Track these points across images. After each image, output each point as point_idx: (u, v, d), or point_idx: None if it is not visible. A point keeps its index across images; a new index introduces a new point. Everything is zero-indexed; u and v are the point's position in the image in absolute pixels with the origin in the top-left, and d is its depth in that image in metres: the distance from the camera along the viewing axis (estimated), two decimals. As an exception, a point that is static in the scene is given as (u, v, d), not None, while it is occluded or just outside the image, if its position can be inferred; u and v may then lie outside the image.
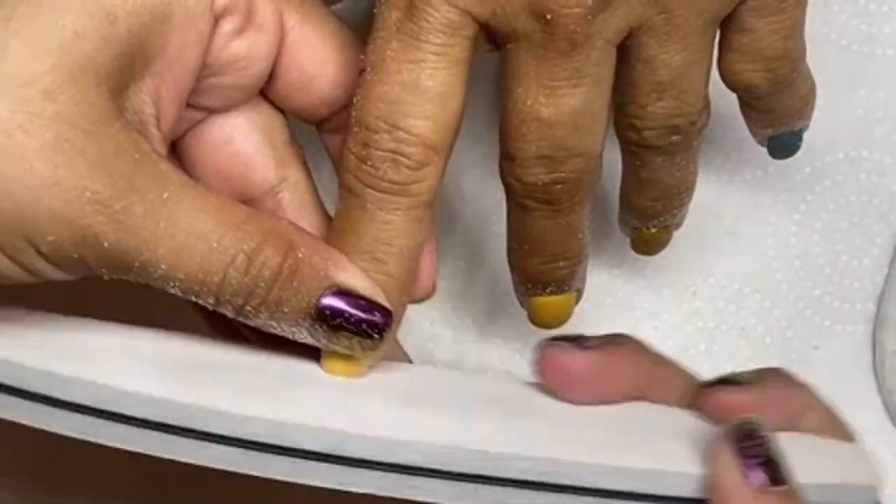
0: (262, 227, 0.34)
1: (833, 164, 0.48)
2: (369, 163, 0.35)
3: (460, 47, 0.35)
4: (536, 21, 0.35)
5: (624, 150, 0.40)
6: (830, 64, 0.48)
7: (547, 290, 0.40)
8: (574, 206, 0.38)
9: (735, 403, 0.37)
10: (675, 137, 0.39)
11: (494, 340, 0.49)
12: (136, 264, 0.33)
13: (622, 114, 0.39)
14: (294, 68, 0.37)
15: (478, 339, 0.49)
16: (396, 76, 0.35)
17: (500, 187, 0.39)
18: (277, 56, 0.37)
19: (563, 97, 0.36)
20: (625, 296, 0.49)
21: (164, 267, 0.33)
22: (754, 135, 0.43)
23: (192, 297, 0.34)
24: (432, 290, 0.39)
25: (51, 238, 0.32)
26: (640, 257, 0.48)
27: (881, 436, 0.48)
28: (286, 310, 0.34)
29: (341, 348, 0.35)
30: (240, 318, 0.34)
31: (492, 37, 0.36)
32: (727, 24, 0.38)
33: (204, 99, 0.37)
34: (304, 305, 0.34)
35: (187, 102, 0.36)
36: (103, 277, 0.33)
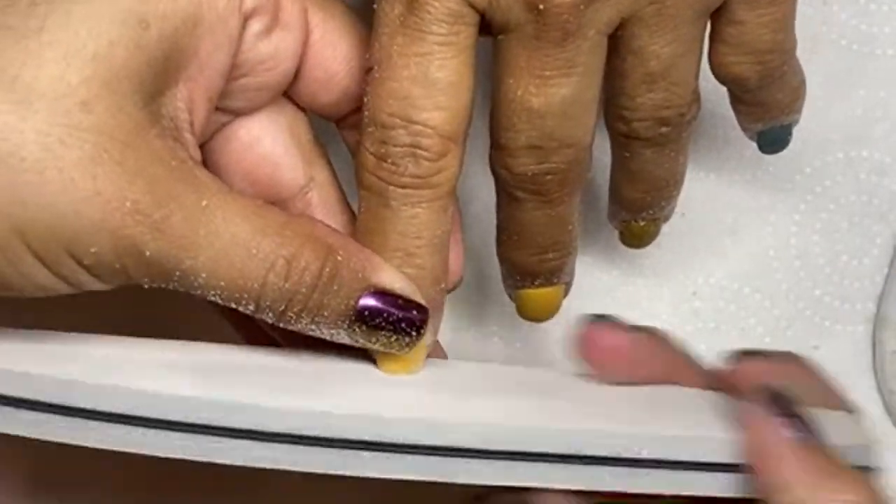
0: (300, 232, 0.34)
1: (833, 164, 0.48)
2: (389, 160, 0.35)
3: (465, 35, 0.35)
4: (529, 11, 0.35)
5: (613, 141, 0.40)
6: (830, 64, 0.48)
7: (535, 283, 0.40)
8: (563, 196, 0.38)
9: (760, 371, 0.37)
10: (664, 129, 0.39)
11: (494, 339, 0.49)
12: (178, 273, 0.32)
13: (612, 105, 0.39)
14: (318, 65, 0.37)
15: (477, 336, 0.49)
16: (405, 70, 0.35)
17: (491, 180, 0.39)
18: (303, 54, 0.37)
19: (554, 87, 0.36)
20: (625, 296, 0.49)
21: (204, 275, 0.33)
22: (744, 129, 0.43)
23: (232, 305, 0.33)
24: (460, 279, 0.39)
25: (93, 250, 0.32)
26: (640, 258, 0.48)
27: (881, 436, 0.48)
28: (326, 313, 0.34)
29: (380, 347, 0.35)
30: (280, 323, 0.34)
31: (485, 27, 0.36)
32: (718, 16, 0.38)
33: (231, 101, 0.37)
34: (343, 308, 0.34)
35: (215, 106, 0.36)
36: (143, 287, 0.33)
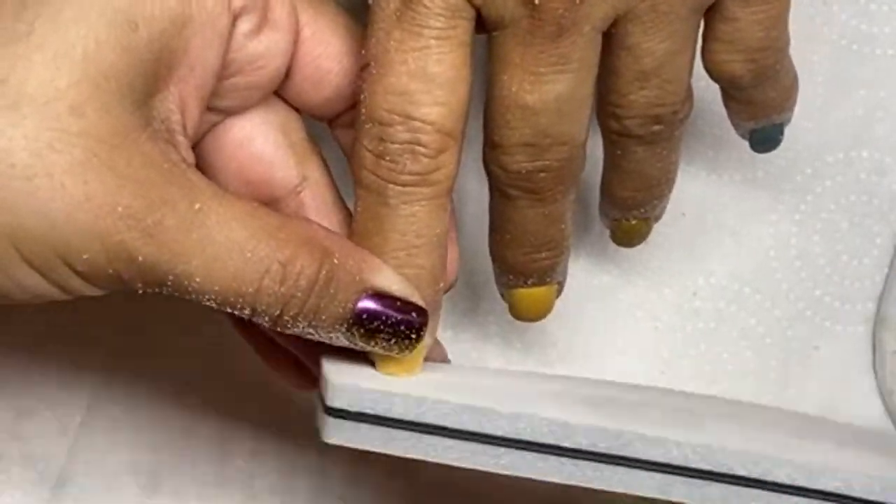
0: (295, 234, 0.33)
1: (833, 164, 0.48)
2: (387, 157, 0.35)
3: (462, 30, 0.35)
4: (524, 7, 0.35)
5: (606, 139, 0.40)
6: (830, 64, 0.48)
7: (528, 282, 0.40)
8: (557, 194, 0.38)
9: None
10: (656, 127, 0.39)
11: (494, 340, 0.48)
12: (171, 277, 0.32)
13: (604, 102, 0.39)
14: (309, 64, 0.37)
15: (477, 338, 0.48)
16: (402, 66, 0.35)
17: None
18: (293, 52, 0.37)
19: (548, 84, 0.36)
20: (625, 296, 0.49)
21: (198, 280, 0.32)
22: (736, 127, 0.43)
23: (228, 309, 0.33)
24: (456, 279, 0.39)
25: (85, 255, 0.32)
26: (640, 258, 0.48)
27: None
28: (324, 317, 0.34)
29: (379, 350, 0.35)
30: (277, 327, 0.34)
31: (479, 24, 0.36)
32: (711, 14, 0.38)
33: (222, 101, 0.37)
34: (340, 312, 0.34)
35: (207, 106, 0.36)
36: (137, 292, 0.33)
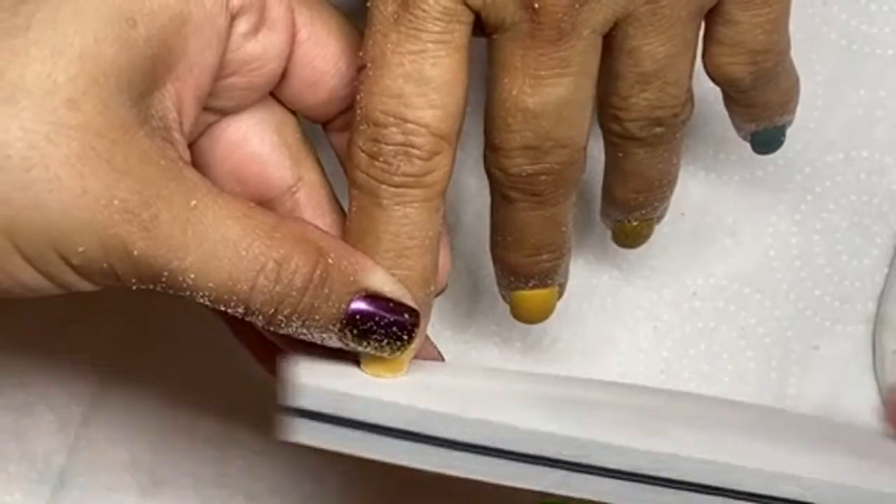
0: (291, 234, 0.33)
1: (833, 164, 0.48)
2: (381, 158, 0.35)
3: (459, 34, 0.35)
4: (525, 10, 0.35)
5: (607, 141, 0.40)
6: (831, 64, 0.48)
7: (530, 284, 0.40)
8: (558, 197, 0.38)
9: None
10: (658, 129, 0.39)
11: (494, 339, 0.48)
12: (165, 273, 0.32)
13: (605, 105, 0.39)
14: (306, 65, 0.37)
15: (477, 338, 0.48)
16: (399, 69, 0.35)
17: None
18: (290, 54, 0.37)
19: (549, 87, 0.36)
20: (625, 296, 0.49)
21: (192, 276, 0.32)
22: (738, 130, 0.43)
23: (222, 307, 0.33)
24: (446, 285, 0.39)
25: (80, 249, 0.31)
26: (640, 258, 0.48)
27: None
28: (317, 317, 0.34)
29: (371, 351, 0.35)
30: (270, 327, 0.34)
31: (479, 27, 0.36)
32: (712, 17, 0.38)
33: (219, 100, 0.37)
34: (334, 312, 0.34)
35: (204, 105, 0.36)
36: (132, 288, 0.33)
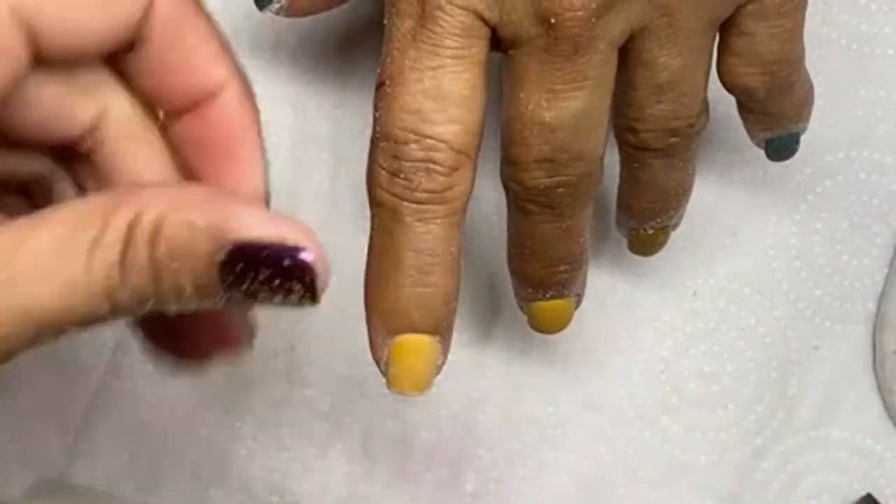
0: (94, 209, 0.28)
1: (833, 164, 0.48)
2: (402, 175, 0.35)
3: (477, 49, 0.35)
4: (541, 25, 0.35)
5: (622, 152, 0.40)
6: (830, 64, 0.48)
7: (547, 295, 0.40)
8: (575, 209, 0.38)
9: None
10: (673, 140, 0.39)
11: (494, 342, 0.49)
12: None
13: (621, 116, 0.39)
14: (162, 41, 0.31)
15: (478, 339, 0.49)
16: (418, 85, 0.35)
17: (499, 189, 0.39)
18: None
19: (566, 101, 0.36)
20: (625, 296, 0.49)
21: (43, 301, 0.27)
22: (752, 137, 0.43)
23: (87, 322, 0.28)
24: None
25: None
26: (640, 258, 0.48)
27: (881, 436, 0.48)
28: (185, 284, 0.28)
29: (278, 306, 0.28)
30: (153, 308, 0.28)
31: (495, 43, 0.36)
32: (726, 28, 0.38)
33: None
34: (201, 270, 0.28)
35: None
36: None
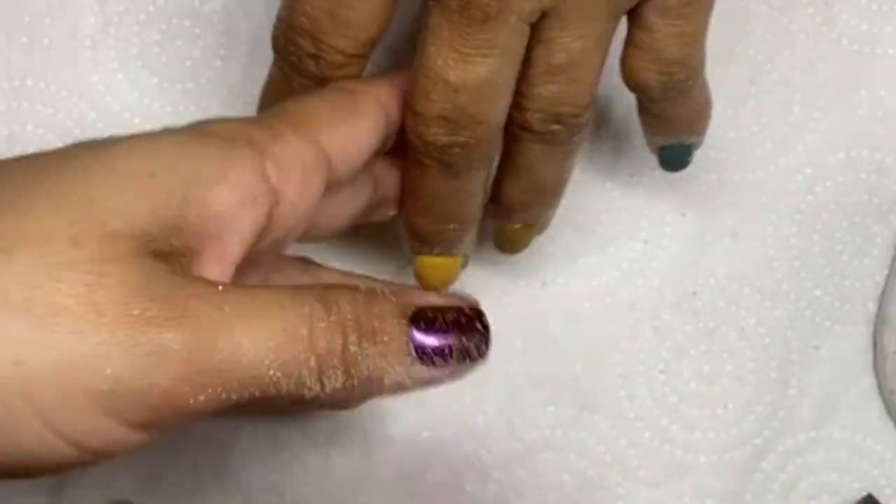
0: (319, 280, 0.34)
1: (833, 163, 0.48)
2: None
3: None
4: None
5: (507, 134, 0.40)
6: (830, 64, 0.48)
7: (435, 251, 0.41)
8: (471, 171, 0.39)
9: None
10: (555, 127, 0.39)
11: (494, 340, 0.48)
12: (219, 358, 0.31)
13: (515, 93, 0.39)
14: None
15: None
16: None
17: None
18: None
19: (472, 65, 0.36)
20: (625, 296, 0.48)
21: (247, 346, 0.31)
22: (647, 142, 0.43)
23: (293, 378, 0.32)
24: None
25: (108, 371, 0.30)
26: (641, 258, 0.48)
27: (881, 436, 0.48)
28: (385, 338, 0.33)
29: (457, 375, 0.35)
30: (351, 370, 0.33)
31: None
32: (632, 19, 0.39)
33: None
34: (397, 331, 0.33)
35: None
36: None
